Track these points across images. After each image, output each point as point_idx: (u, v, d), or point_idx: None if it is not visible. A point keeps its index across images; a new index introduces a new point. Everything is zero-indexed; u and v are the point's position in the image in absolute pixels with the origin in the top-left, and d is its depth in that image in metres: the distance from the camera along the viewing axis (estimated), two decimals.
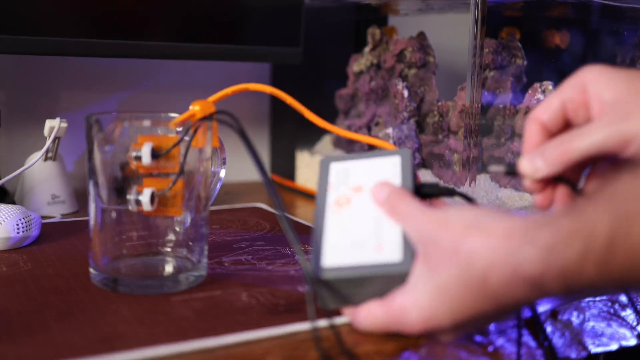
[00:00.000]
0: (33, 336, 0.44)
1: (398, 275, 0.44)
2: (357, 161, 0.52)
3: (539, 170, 0.44)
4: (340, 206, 0.49)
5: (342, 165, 0.53)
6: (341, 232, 0.48)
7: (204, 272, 0.55)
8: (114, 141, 0.53)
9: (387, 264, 0.44)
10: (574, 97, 0.45)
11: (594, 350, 0.54)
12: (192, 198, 0.53)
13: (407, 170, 0.50)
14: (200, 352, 0.43)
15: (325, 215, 0.49)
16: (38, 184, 0.78)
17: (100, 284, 0.53)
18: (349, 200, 0.50)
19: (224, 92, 0.54)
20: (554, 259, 0.38)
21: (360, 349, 0.44)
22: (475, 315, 0.42)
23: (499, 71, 0.83)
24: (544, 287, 0.39)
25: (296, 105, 0.55)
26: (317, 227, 0.48)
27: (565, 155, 0.42)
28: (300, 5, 0.88)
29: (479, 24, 0.69)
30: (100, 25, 0.76)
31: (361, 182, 0.50)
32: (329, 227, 0.48)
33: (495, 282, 0.40)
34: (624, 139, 0.40)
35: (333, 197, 0.50)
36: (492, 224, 0.41)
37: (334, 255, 0.46)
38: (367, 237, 0.47)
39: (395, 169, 0.51)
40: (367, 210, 0.48)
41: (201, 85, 1.05)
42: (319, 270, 0.45)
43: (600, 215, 0.37)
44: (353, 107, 0.96)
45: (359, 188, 0.50)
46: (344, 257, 0.46)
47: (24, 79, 0.93)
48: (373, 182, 0.49)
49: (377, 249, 0.45)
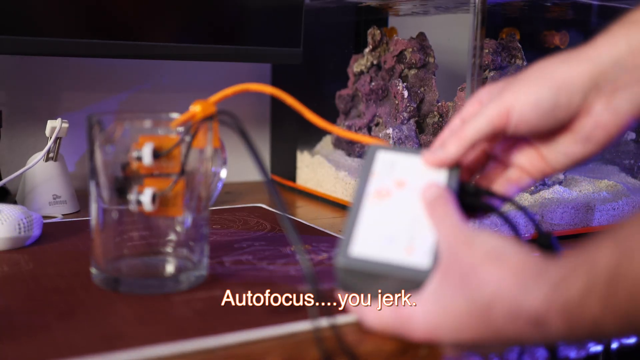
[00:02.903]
0: (34, 335, 0.44)
1: (420, 282, 0.45)
2: (405, 155, 0.51)
3: (442, 160, 0.48)
4: (380, 198, 0.48)
5: (389, 156, 0.51)
6: (376, 224, 0.47)
7: (205, 272, 0.56)
8: (115, 141, 0.53)
9: (413, 269, 0.45)
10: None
11: (594, 349, 0.54)
12: (193, 198, 0.54)
13: (454, 173, 0.49)
14: (200, 352, 0.43)
15: (362, 203, 0.48)
16: (39, 184, 0.78)
17: (101, 284, 0.53)
18: (390, 193, 0.49)
19: (224, 93, 0.54)
20: (557, 295, 0.38)
21: (360, 349, 0.44)
22: (476, 340, 0.42)
23: (498, 72, 0.84)
24: (547, 326, 0.38)
25: (296, 105, 0.55)
26: (352, 213, 0.48)
27: (461, 140, 0.48)
28: (301, 6, 0.89)
29: (479, 24, 0.69)
30: (101, 25, 0.76)
31: (405, 178, 0.49)
32: (364, 216, 0.48)
33: (499, 314, 0.40)
34: (503, 111, 0.47)
35: (374, 187, 0.49)
36: (509, 256, 0.41)
37: (364, 245, 0.46)
38: (401, 235, 0.46)
39: (444, 173, 0.49)
40: (406, 208, 0.48)
41: (201, 86, 1.06)
42: (346, 256, 0.46)
43: (603, 251, 0.37)
44: (353, 107, 0.97)
45: (402, 183, 0.49)
46: (373, 250, 0.46)
47: (25, 79, 0.94)
48: (418, 180, 0.49)
49: (407, 250, 0.45)
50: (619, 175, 0.93)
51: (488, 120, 0.47)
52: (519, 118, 0.47)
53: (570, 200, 0.77)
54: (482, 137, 0.48)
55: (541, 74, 0.47)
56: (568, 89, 0.46)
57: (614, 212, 0.79)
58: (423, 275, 0.44)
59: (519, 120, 0.47)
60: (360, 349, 0.44)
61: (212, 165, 0.66)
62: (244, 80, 1.06)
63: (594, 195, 0.80)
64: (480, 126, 0.48)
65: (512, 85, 0.48)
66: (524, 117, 0.47)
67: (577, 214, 0.77)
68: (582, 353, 0.53)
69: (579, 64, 0.46)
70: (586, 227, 0.77)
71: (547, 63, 0.47)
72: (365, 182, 0.50)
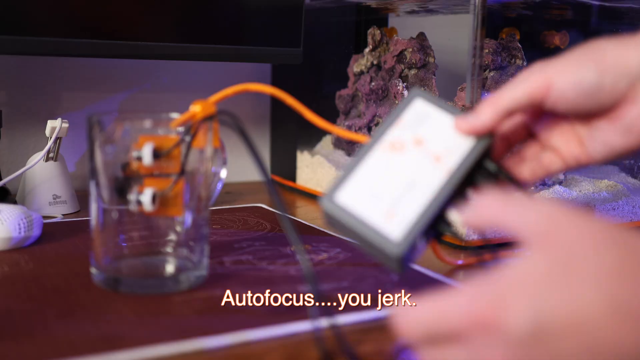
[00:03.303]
0: (35, 335, 0.44)
1: (388, 254, 0.42)
2: (442, 112, 0.47)
3: (473, 126, 0.45)
4: (392, 149, 0.45)
5: (426, 107, 0.47)
6: (372, 175, 0.44)
7: (205, 272, 0.56)
8: (115, 141, 0.53)
9: (382, 236, 0.42)
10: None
11: None
12: (193, 198, 0.54)
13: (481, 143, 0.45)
14: (200, 352, 0.43)
15: (372, 149, 0.45)
16: (39, 184, 0.78)
17: (101, 284, 0.53)
18: (403, 148, 0.45)
19: (224, 93, 0.54)
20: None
21: (360, 349, 0.44)
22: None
23: (498, 72, 0.84)
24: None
25: (296, 105, 0.55)
26: (357, 156, 0.45)
27: (496, 107, 0.45)
28: (301, 6, 0.89)
29: (479, 24, 0.69)
30: (101, 25, 0.76)
31: (427, 137, 0.46)
32: (367, 163, 0.45)
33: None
34: (543, 83, 0.44)
35: (392, 136, 0.46)
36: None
37: (351, 194, 0.44)
38: (387, 196, 0.43)
39: (470, 143, 0.45)
40: (409, 169, 0.44)
41: (202, 86, 1.06)
42: (330, 199, 0.44)
43: None
44: (353, 107, 0.97)
45: (420, 142, 0.45)
46: (356, 202, 0.43)
47: (25, 79, 0.94)
48: (438, 143, 0.45)
49: (387, 215, 0.43)
50: (619, 175, 0.93)
51: (526, 89, 0.45)
52: (558, 94, 0.44)
53: (570, 200, 0.77)
54: (518, 106, 0.45)
55: (590, 53, 0.45)
56: (614, 72, 0.44)
57: (614, 212, 0.79)
58: (389, 247, 0.41)
59: (558, 96, 0.44)
60: (360, 349, 0.44)
61: (212, 165, 0.66)
62: (244, 80, 1.06)
63: (594, 195, 0.80)
64: (517, 94, 0.45)
65: (557, 61, 0.45)
66: (564, 93, 0.44)
67: None
68: None
69: (632, 49, 0.44)
70: None
71: (598, 44, 0.45)
72: (387, 127, 0.46)
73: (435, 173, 0.44)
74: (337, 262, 0.62)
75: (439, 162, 0.45)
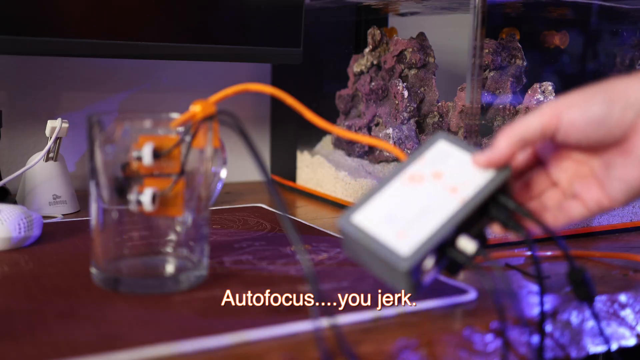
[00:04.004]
0: (35, 335, 0.44)
1: (396, 270, 0.44)
2: (463, 151, 0.49)
3: (490, 158, 0.47)
4: (411, 181, 0.48)
5: (447, 147, 0.49)
6: (389, 201, 0.47)
7: (205, 272, 0.56)
8: (115, 141, 0.53)
9: (391, 251, 0.44)
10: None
11: (593, 350, 0.54)
12: (193, 198, 0.54)
13: (500, 176, 0.47)
14: (200, 352, 0.43)
15: (392, 180, 0.48)
16: (39, 184, 0.78)
17: (101, 284, 0.53)
18: (422, 180, 0.48)
19: (224, 93, 0.54)
20: None
21: (360, 349, 0.44)
22: None
23: (498, 72, 0.84)
24: None
25: (296, 105, 0.55)
26: (377, 185, 0.48)
27: (510, 137, 0.47)
28: (301, 6, 0.89)
29: (479, 24, 0.69)
30: (101, 25, 0.76)
31: (446, 172, 0.48)
32: (385, 191, 0.47)
33: None
34: (554, 112, 0.46)
35: (412, 170, 0.48)
36: None
37: (367, 216, 0.46)
38: (401, 219, 0.46)
39: (488, 177, 0.47)
40: (426, 197, 0.47)
41: (202, 86, 1.06)
42: (347, 219, 0.46)
43: None
44: (353, 107, 0.97)
45: (440, 175, 0.48)
46: (371, 223, 0.45)
47: (25, 79, 0.94)
48: (456, 176, 0.47)
49: (398, 234, 0.45)
50: None
51: (538, 120, 0.47)
52: (568, 123, 0.46)
53: None
54: (532, 136, 0.47)
55: (599, 87, 0.47)
56: (622, 102, 0.45)
57: (614, 212, 0.79)
58: (397, 261, 0.43)
59: (569, 126, 0.46)
60: (360, 349, 0.44)
61: (212, 165, 0.66)
62: (244, 80, 1.06)
63: None
64: (530, 125, 0.47)
65: (568, 96, 0.47)
66: (574, 123, 0.46)
67: None
68: (582, 353, 0.53)
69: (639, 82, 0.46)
70: (586, 228, 0.77)
71: (609, 81, 0.48)
72: (409, 163, 0.49)
73: (449, 201, 0.46)
74: (337, 262, 0.62)
75: (454, 193, 0.47)
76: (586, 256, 0.67)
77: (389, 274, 0.45)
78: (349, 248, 0.48)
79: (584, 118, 0.46)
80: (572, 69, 0.99)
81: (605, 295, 0.55)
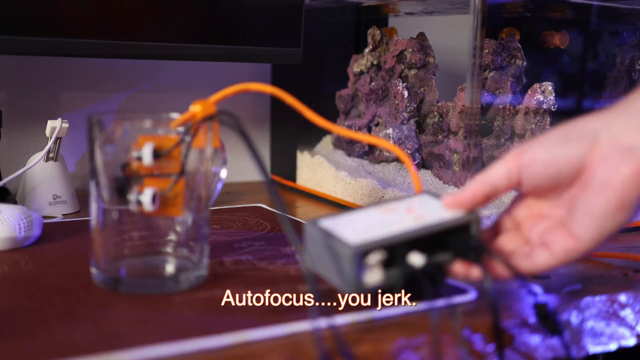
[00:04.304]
0: (35, 335, 0.44)
1: (342, 256, 0.46)
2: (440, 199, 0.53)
3: (458, 200, 0.50)
4: (384, 211, 0.51)
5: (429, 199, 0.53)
6: (358, 218, 0.50)
7: (205, 272, 0.56)
8: (115, 141, 0.53)
9: (342, 241, 0.46)
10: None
11: (593, 350, 0.54)
12: (193, 198, 0.54)
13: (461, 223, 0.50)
14: (200, 352, 0.43)
15: (367, 208, 0.52)
16: (39, 184, 0.78)
17: (101, 284, 0.53)
18: (395, 212, 0.51)
19: (224, 92, 0.54)
20: None
21: (360, 349, 0.44)
22: None
23: (498, 72, 0.84)
24: None
25: (297, 105, 0.55)
26: (354, 210, 0.52)
27: (477, 181, 0.50)
28: (301, 6, 0.89)
29: (479, 24, 0.69)
30: (101, 25, 0.76)
31: (418, 209, 0.51)
32: (358, 213, 0.51)
33: None
34: (517, 154, 0.49)
35: (390, 205, 0.52)
36: None
37: (333, 222, 0.49)
38: (363, 226, 0.49)
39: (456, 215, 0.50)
40: (392, 220, 0.49)
41: (201, 86, 1.06)
42: (313, 221, 0.49)
43: None
44: (353, 107, 0.97)
45: (412, 210, 0.51)
46: (335, 226, 0.49)
47: (25, 79, 0.94)
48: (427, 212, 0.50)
49: (355, 233, 0.48)
50: None
51: (503, 163, 0.49)
52: (530, 162, 0.48)
53: None
54: (498, 179, 0.49)
55: (561, 126, 0.49)
56: (576, 137, 0.47)
57: None
58: (344, 248, 0.46)
59: (530, 164, 0.48)
60: (360, 349, 0.44)
61: (212, 165, 0.66)
62: (244, 80, 1.06)
63: None
64: (495, 168, 0.50)
65: (531, 140, 0.50)
66: (534, 161, 0.48)
67: None
68: (582, 353, 0.53)
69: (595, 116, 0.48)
70: None
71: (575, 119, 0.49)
72: (389, 201, 0.53)
73: (410, 220, 0.49)
74: None
75: (418, 218, 0.50)
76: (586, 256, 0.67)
77: (337, 270, 0.47)
78: (309, 252, 0.50)
79: (543, 157, 0.48)
80: (572, 69, 0.99)
81: (605, 295, 0.55)
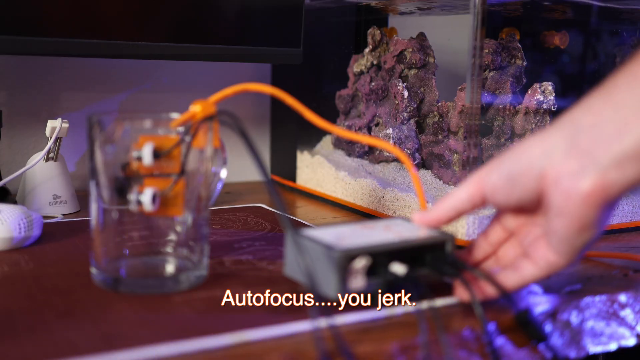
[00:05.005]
0: (35, 335, 0.44)
1: (329, 260, 0.47)
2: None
3: (426, 218, 0.53)
4: (363, 227, 0.53)
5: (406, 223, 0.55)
6: (341, 231, 0.51)
7: (205, 272, 0.56)
8: (115, 141, 0.53)
9: (328, 245, 0.47)
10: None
11: (593, 350, 0.54)
12: (193, 198, 0.54)
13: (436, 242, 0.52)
14: (200, 352, 0.43)
15: (348, 224, 0.54)
16: (39, 184, 0.78)
17: (101, 284, 0.54)
18: (373, 228, 0.53)
19: (224, 93, 0.54)
20: None
21: (360, 349, 0.44)
22: None
23: (498, 72, 0.84)
24: None
25: (296, 105, 0.55)
26: (335, 225, 0.54)
27: (443, 203, 0.52)
28: (301, 6, 0.89)
29: (479, 24, 0.69)
30: (100, 25, 0.76)
31: (396, 228, 0.53)
32: (341, 227, 0.53)
33: None
34: (477, 177, 0.50)
35: (369, 223, 0.54)
36: None
37: (317, 232, 0.51)
38: (344, 235, 0.50)
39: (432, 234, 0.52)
40: (370, 234, 0.51)
41: (201, 86, 1.06)
42: (299, 232, 0.50)
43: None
44: (353, 107, 0.97)
45: (389, 228, 0.53)
46: (320, 235, 0.50)
47: (25, 79, 0.94)
48: (404, 230, 0.52)
49: (340, 239, 0.49)
50: None
51: (464, 189, 0.51)
52: (491, 187, 0.49)
53: None
54: (461, 205, 0.51)
55: (514, 146, 0.49)
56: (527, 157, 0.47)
57: (614, 212, 0.79)
58: (332, 252, 0.47)
59: (492, 189, 0.49)
60: (360, 349, 0.44)
61: (212, 165, 0.66)
62: (244, 80, 1.06)
63: None
64: (458, 194, 0.51)
65: (490, 162, 0.50)
66: (495, 186, 0.49)
67: None
68: (582, 353, 0.53)
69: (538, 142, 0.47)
70: None
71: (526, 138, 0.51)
72: (369, 221, 0.55)
73: (389, 235, 0.51)
74: None
75: (398, 234, 0.51)
76: (586, 256, 0.67)
77: (321, 275, 0.47)
78: (290, 261, 0.51)
79: (501, 180, 0.48)
80: (572, 69, 0.99)
81: (605, 295, 0.55)
